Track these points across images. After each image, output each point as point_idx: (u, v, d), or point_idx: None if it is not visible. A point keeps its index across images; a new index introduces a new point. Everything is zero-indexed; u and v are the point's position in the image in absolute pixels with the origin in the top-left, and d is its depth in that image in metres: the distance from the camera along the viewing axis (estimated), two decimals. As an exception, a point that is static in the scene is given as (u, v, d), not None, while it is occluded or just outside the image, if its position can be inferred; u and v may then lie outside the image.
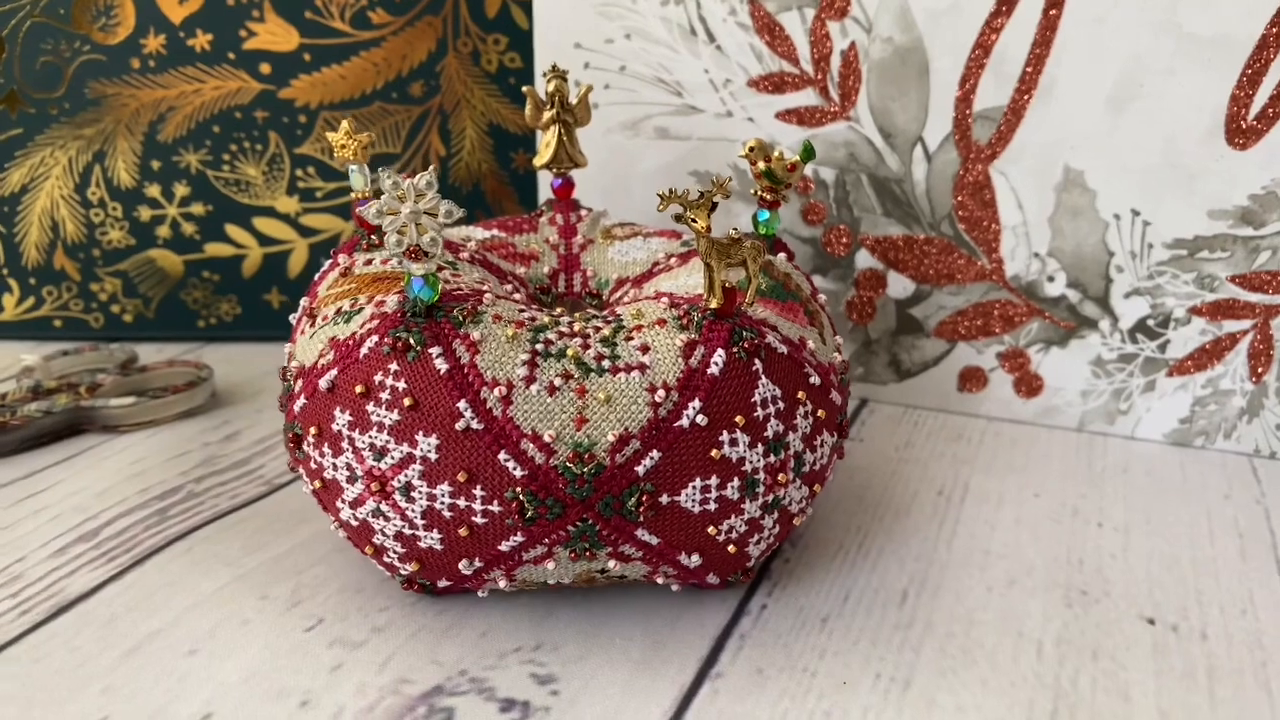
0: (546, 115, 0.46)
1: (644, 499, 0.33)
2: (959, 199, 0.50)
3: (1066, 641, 0.36)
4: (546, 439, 0.33)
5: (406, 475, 0.33)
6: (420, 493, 0.33)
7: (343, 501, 0.35)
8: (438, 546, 0.34)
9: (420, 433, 0.33)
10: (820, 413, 0.37)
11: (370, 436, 0.34)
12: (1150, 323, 0.50)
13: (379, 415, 0.34)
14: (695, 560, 0.35)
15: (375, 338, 0.34)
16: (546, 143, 0.46)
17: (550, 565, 0.35)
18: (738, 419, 0.34)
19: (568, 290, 0.44)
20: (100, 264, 0.58)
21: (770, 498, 0.35)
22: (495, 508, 0.33)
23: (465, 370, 0.33)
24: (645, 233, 0.46)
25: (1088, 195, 0.49)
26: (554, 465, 0.33)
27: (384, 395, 0.33)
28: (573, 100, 0.46)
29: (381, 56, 0.57)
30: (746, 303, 0.35)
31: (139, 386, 0.53)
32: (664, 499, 0.34)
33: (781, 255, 0.42)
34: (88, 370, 0.55)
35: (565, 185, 0.47)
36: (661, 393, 0.33)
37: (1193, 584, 0.40)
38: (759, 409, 0.34)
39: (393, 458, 0.33)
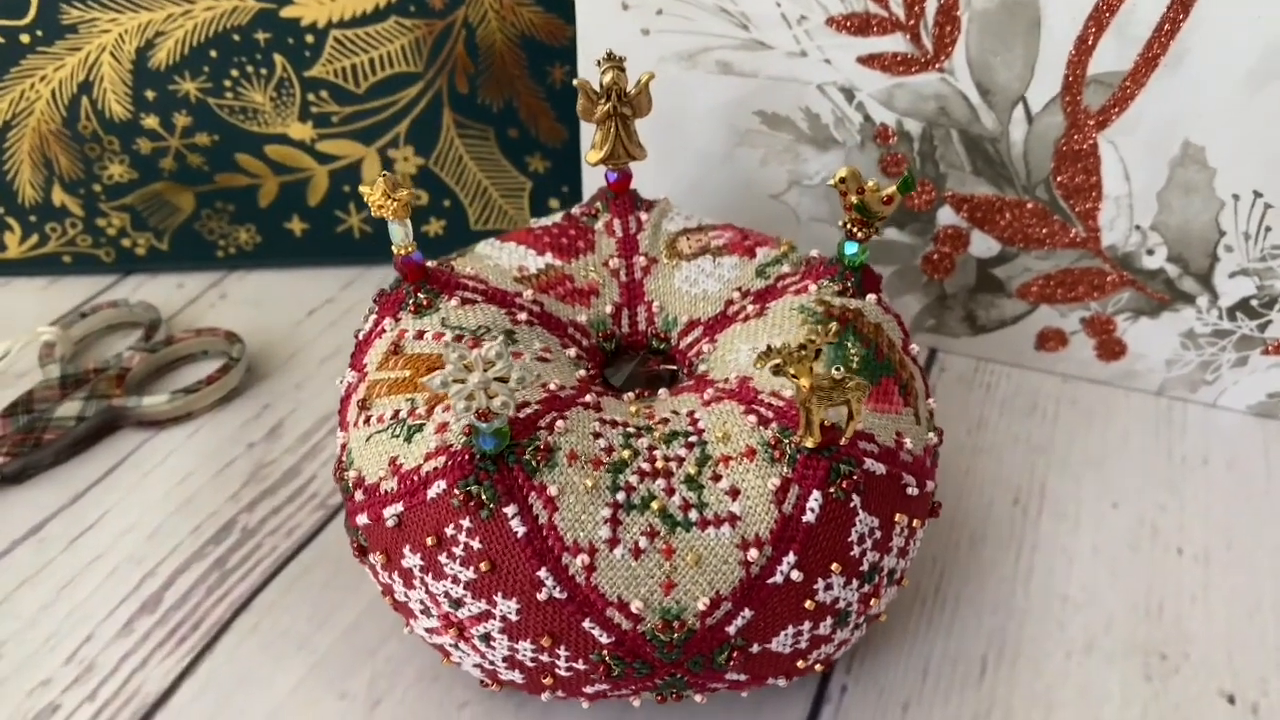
0: (601, 109, 0.40)
1: (734, 653, 0.32)
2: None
3: (1147, 731, 0.36)
4: (634, 609, 0.31)
5: (485, 628, 0.32)
6: (500, 643, 0.32)
7: (416, 621, 0.34)
8: (519, 681, 0.34)
9: (499, 594, 0.31)
10: (915, 523, 0.35)
11: (445, 585, 0.32)
12: (1254, 303, 0.46)
13: (453, 569, 0.32)
14: (781, 683, 0.34)
15: (443, 483, 0.31)
16: (603, 137, 0.40)
17: (635, 703, 0.34)
18: (834, 566, 0.32)
19: (631, 329, 0.40)
20: (104, 199, 0.53)
21: (861, 619, 0.34)
22: (580, 665, 0.32)
23: (544, 532, 0.31)
24: (714, 246, 0.41)
25: (1206, 173, 0.43)
26: (642, 632, 0.31)
27: (457, 550, 0.31)
28: (631, 90, 0.40)
29: (395, -36, 0.49)
30: (845, 439, 0.32)
31: (168, 360, 0.50)
32: (755, 648, 0.32)
33: (871, 297, 0.38)
34: (110, 328, 0.52)
35: (622, 179, 0.42)
36: (754, 551, 0.31)
37: (1273, 641, 0.39)
38: (855, 547, 0.32)
39: (470, 610, 0.32)
